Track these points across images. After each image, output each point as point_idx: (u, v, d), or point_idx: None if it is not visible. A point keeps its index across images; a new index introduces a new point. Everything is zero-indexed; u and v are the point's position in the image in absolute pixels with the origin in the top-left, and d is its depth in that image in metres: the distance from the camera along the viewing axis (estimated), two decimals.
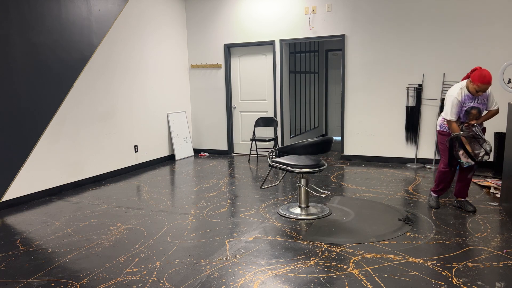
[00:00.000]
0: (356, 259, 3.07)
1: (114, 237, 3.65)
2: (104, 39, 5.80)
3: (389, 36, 6.28)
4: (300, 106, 8.48)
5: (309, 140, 4.11)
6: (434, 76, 6.10)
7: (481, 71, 3.69)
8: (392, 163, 6.45)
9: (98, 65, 5.72)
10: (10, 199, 4.65)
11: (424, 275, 2.79)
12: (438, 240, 3.40)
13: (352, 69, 6.60)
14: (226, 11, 7.29)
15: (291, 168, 4.00)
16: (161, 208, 4.47)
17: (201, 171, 6.38)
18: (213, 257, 3.16)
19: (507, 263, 2.95)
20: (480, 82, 3.66)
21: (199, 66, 7.67)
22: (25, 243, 3.58)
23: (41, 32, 4.90)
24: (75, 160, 5.43)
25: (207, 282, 2.76)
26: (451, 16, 5.89)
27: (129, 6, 6.24)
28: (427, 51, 6.08)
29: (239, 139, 7.73)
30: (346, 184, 5.33)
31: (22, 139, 4.73)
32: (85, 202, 4.80)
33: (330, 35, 6.67)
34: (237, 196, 4.90)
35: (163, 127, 7.19)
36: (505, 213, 3.98)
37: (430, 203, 4.28)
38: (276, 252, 3.22)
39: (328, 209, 4.22)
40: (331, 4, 6.56)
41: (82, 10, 5.44)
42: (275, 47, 7.05)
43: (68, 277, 2.91)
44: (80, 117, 5.48)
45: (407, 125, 6.33)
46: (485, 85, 3.66)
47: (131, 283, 2.79)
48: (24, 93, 4.73)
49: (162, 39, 7.03)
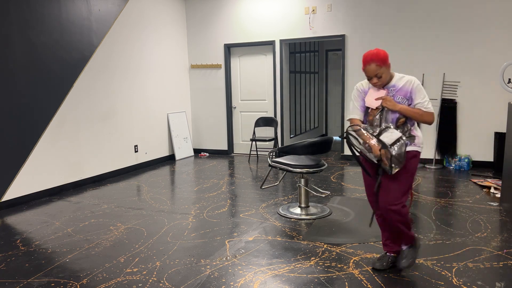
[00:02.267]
0: (356, 259, 3.07)
1: (114, 237, 3.65)
2: (104, 39, 5.80)
3: (389, 36, 6.28)
4: (300, 106, 8.48)
5: (309, 140, 4.11)
6: (434, 76, 6.10)
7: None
8: None
9: (98, 65, 5.72)
10: (10, 199, 4.65)
11: (424, 275, 2.79)
12: (438, 240, 3.40)
13: (352, 69, 6.60)
14: (226, 11, 7.29)
15: (291, 168, 4.00)
16: (161, 208, 4.47)
17: (201, 171, 6.38)
18: (213, 257, 3.16)
19: (507, 263, 2.95)
20: (363, 64, 2.66)
21: (199, 66, 7.67)
22: (25, 243, 3.58)
23: (41, 32, 4.90)
24: (75, 160, 5.43)
25: (207, 282, 2.76)
26: (451, 16, 5.89)
27: (129, 6, 6.24)
28: (427, 51, 6.08)
29: (239, 139, 7.73)
30: (346, 184, 5.33)
31: (22, 139, 4.73)
32: (85, 202, 4.80)
33: (330, 35, 6.67)
34: (237, 196, 4.90)
35: (163, 127, 7.19)
36: (505, 213, 3.98)
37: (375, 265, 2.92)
38: (276, 252, 3.22)
39: (328, 209, 4.22)
40: (331, 4, 6.56)
41: (82, 10, 5.44)
42: (275, 47, 7.05)
43: (68, 277, 2.91)
44: (80, 117, 5.48)
45: None
46: (368, 65, 2.60)
47: (131, 283, 2.79)
48: (24, 93, 4.73)
49: (162, 39, 7.03)
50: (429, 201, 4.47)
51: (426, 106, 2.59)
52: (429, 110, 2.59)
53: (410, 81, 2.63)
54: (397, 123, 2.63)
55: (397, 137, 2.49)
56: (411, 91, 2.62)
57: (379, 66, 2.59)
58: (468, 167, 5.91)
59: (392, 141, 2.47)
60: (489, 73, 5.76)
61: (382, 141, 2.46)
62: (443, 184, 5.17)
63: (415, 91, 2.61)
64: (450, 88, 6.02)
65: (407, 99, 2.63)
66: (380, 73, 2.60)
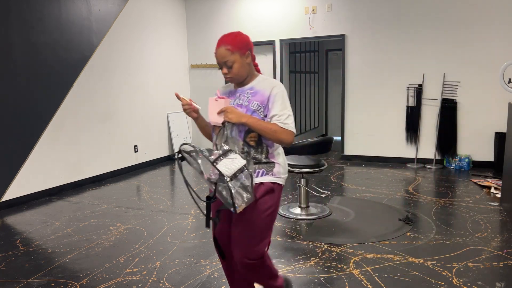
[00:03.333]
0: (356, 259, 3.07)
1: (114, 237, 3.65)
2: (104, 39, 5.80)
3: (389, 36, 6.27)
4: (300, 106, 8.47)
5: (309, 140, 4.11)
6: (434, 76, 6.10)
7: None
8: (392, 163, 6.45)
9: (98, 65, 5.72)
10: (10, 199, 4.64)
11: (424, 275, 2.79)
12: (438, 240, 3.40)
13: (352, 69, 6.59)
14: (226, 11, 7.28)
15: (291, 168, 4.00)
16: (161, 208, 4.47)
17: None
18: (213, 257, 3.16)
19: (507, 263, 2.94)
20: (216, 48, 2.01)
21: (199, 66, 7.67)
22: (25, 243, 3.57)
23: (41, 32, 4.90)
24: (75, 159, 5.43)
25: (207, 282, 2.76)
26: (451, 16, 5.89)
27: (129, 6, 6.24)
28: (427, 51, 6.08)
29: None
30: (346, 184, 5.32)
31: (22, 139, 4.73)
32: (85, 202, 4.80)
33: (330, 35, 6.66)
34: None
35: (163, 127, 7.18)
36: (505, 213, 3.98)
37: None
38: (276, 252, 3.22)
39: (328, 209, 4.22)
40: (331, 4, 6.56)
41: (82, 10, 5.43)
42: (275, 47, 7.04)
43: (68, 277, 2.91)
44: (80, 117, 5.47)
45: (407, 125, 6.33)
46: (218, 48, 1.98)
47: (131, 283, 2.79)
48: (24, 93, 4.72)
49: (162, 39, 7.03)
50: (429, 201, 4.47)
51: (283, 121, 1.92)
52: (287, 128, 1.92)
53: (271, 86, 1.98)
54: (246, 138, 1.95)
55: (239, 166, 1.79)
56: (269, 98, 1.96)
57: (230, 51, 1.94)
58: (468, 167, 5.91)
59: (232, 171, 1.78)
60: (489, 73, 5.75)
61: (220, 171, 1.77)
62: (443, 184, 5.17)
63: (274, 100, 1.95)
64: (451, 88, 6.02)
65: (263, 108, 1.97)
66: (231, 61, 1.95)
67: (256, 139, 1.96)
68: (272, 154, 2.03)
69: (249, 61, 2.03)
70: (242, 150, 1.96)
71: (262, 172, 2.01)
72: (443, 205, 4.31)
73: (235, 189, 1.78)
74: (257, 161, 1.99)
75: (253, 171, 1.96)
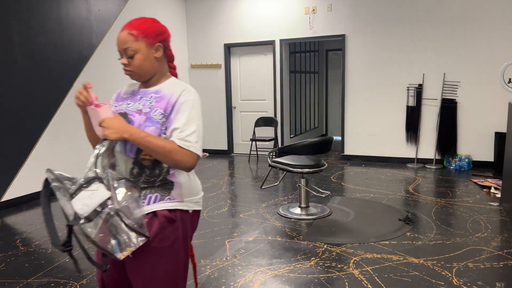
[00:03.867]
0: (356, 259, 3.07)
1: None
2: (104, 39, 5.79)
3: (389, 36, 6.27)
4: (300, 106, 8.47)
5: (309, 140, 4.11)
6: (434, 76, 6.10)
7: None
8: (392, 163, 6.45)
9: (98, 65, 5.71)
10: (10, 199, 4.64)
11: (424, 275, 2.79)
12: (438, 240, 3.39)
13: (352, 69, 6.59)
14: (226, 11, 7.28)
15: (291, 168, 4.00)
16: None
17: (201, 171, 6.38)
18: (213, 257, 3.16)
19: (507, 263, 2.94)
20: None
21: (199, 66, 7.67)
22: (25, 243, 3.57)
23: (41, 32, 4.89)
24: (75, 159, 5.43)
25: (207, 282, 2.76)
26: (451, 16, 5.89)
27: (129, 6, 6.24)
28: (427, 51, 6.08)
29: (239, 139, 7.73)
30: (346, 184, 5.32)
31: (22, 139, 4.73)
32: None
33: (330, 35, 6.66)
34: (237, 196, 4.90)
35: None
36: (505, 213, 3.98)
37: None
38: (276, 252, 3.22)
39: (328, 209, 4.22)
40: (331, 4, 6.56)
41: (82, 10, 5.43)
42: (275, 47, 7.04)
43: (68, 277, 2.91)
44: (80, 117, 5.46)
45: (407, 125, 6.33)
46: (121, 32, 1.54)
47: None
48: (24, 93, 4.72)
49: None
50: (429, 201, 4.47)
51: (185, 138, 1.43)
52: (187, 147, 1.43)
53: (181, 91, 1.50)
54: (139, 155, 1.48)
55: (100, 201, 1.35)
56: (174, 105, 1.48)
57: (134, 37, 1.50)
58: (468, 166, 5.91)
59: (89, 209, 1.37)
60: (489, 73, 5.75)
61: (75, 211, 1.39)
62: (443, 184, 5.17)
63: (179, 109, 1.47)
64: (451, 88, 6.02)
65: (166, 119, 1.48)
66: (133, 50, 1.51)
67: (152, 157, 1.46)
68: (170, 173, 1.51)
69: (160, 56, 1.55)
70: (130, 172, 1.49)
71: (155, 197, 1.49)
72: (443, 205, 4.31)
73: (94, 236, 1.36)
74: (147, 184, 1.50)
75: (142, 197, 1.49)
